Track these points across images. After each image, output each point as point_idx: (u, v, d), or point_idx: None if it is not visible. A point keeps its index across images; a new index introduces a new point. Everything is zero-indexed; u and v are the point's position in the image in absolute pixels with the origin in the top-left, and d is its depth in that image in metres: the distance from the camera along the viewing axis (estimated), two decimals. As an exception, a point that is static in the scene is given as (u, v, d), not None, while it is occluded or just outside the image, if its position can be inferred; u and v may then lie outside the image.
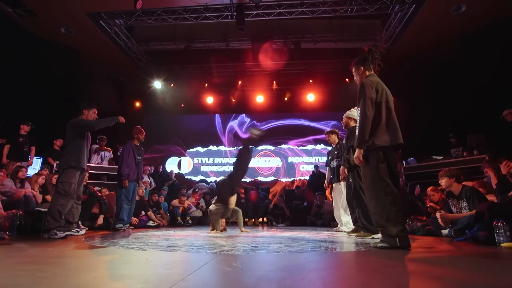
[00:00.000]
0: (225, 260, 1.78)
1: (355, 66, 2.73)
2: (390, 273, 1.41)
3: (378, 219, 2.31)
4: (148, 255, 1.96)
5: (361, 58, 2.70)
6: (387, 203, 2.25)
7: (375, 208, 2.32)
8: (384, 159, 2.34)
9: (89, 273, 1.38)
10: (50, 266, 1.55)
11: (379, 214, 2.29)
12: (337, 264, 1.73)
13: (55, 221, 3.19)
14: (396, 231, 2.21)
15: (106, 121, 3.60)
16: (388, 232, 2.25)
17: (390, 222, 2.23)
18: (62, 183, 3.30)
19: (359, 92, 2.47)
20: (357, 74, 2.72)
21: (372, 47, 2.69)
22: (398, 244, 2.19)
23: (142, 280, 1.22)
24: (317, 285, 1.16)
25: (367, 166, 2.41)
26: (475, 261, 1.83)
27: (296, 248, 2.31)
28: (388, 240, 2.26)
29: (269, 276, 1.34)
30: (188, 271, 1.38)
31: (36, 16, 6.69)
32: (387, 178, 2.30)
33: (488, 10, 6.44)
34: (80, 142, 3.47)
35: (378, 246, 2.30)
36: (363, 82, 2.49)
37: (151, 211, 5.88)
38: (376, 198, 2.31)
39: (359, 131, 2.38)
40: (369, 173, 2.38)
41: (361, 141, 2.37)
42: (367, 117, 2.36)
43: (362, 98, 2.40)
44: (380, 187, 2.30)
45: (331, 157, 4.80)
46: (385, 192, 2.27)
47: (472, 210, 3.14)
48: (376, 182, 2.32)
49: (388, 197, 2.26)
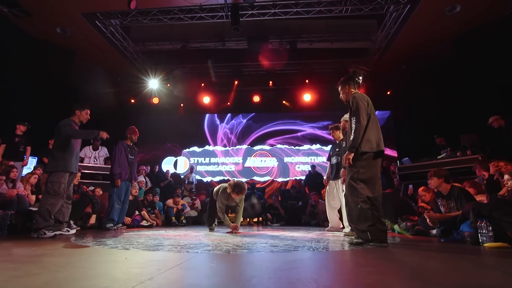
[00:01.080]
0: (203, 260, 1.79)
1: (341, 85, 3.01)
2: (361, 272, 1.42)
3: (352, 216, 2.60)
4: (128, 254, 1.97)
5: (346, 79, 2.98)
6: (359, 201, 2.51)
7: (350, 205, 2.61)
8: (366, 163, 2.59)
9: (62, 272, 1.39)
10: (26, 265, 1.56)
11: (353, 211, 2.58)
12: (312, 264, 1.73)
13: (44, 221, 3.20)
14: (366, 226, 2.45)
15: (87, 133, 3.58)
16: (360, 228, 2.50)
17: (361, 218, 2.48)
18: (52, 183, 3.31)
19: (352, 104, 2.74)
20: (343, 93, 3.00)
21: (356, 69, 2.96)
22: (369, 237, 2.43)
23: (110, 279, 1.23)
24: (282, 284, 1.17)
25: (352, 169, 2.65)
26: (448, 261, 1.84)
27: (279, 248, 2.32)
28: (360, 235, 2.50)
29: (237, 275, 1.35)
30: (161, 270, 1.39)
31: (31, 16, 6.71)
32: (362, 180, 2.55)
33: (483, 10, 6.43)
34: (67, 146, 3.46)
35: (354, 242, 2.50)
36: (355, 96, 2.76)
37: (145, 211, 5.89)
38: (351, 196, 2.59)
39: (354, 137, 2.64)
40: (350, 174, 2.65)
41: (354, 145, 2.62)
42: (362, 126, 2.63)
43: (357, 109, 2.65)
44: (355, 188, 2.56)
45: (332, 153, 4.76)
46: (359, 192, 2.54)
47: (459, 210, 3.15)
48: (353, 182, 2.59)
49: (361, 196, 2.52)
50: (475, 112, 6.53)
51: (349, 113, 2.82)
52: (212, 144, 9.84)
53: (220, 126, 9.99)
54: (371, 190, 2.52)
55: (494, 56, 6.60)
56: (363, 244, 2.44)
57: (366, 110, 2.69)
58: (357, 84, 2.95)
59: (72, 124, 3.55)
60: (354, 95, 2.79)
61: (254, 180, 9.23)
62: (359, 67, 2.96)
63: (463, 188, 3.33)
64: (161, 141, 9.71)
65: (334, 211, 4.64)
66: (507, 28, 6.45)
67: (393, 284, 1.18)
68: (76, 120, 3.67)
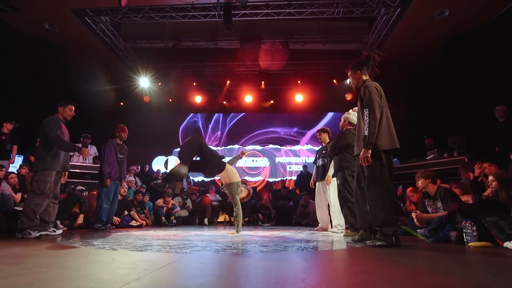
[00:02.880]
0: (191, 260, 1.78)
1: (352, 69, 2.80)
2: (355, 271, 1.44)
3: (375, 218, 2.44)
4: (115, 255, 1.95)
5: (358, 62, 2.78)
6: (386, 205, 2.40)
7: (373, 208, 2.45)
8: (385, 162, 2.47)
9: (45, 273, 1.36)
10: (9, 266, 1.52)
11: (376, 214, 2.43)
12: (300, 263, 1.74)
13: (29, 221, 3.13)
14: (391, 231, 2.36)
15: (68, 146, 3.46)
16: (385, 232, 2.38)
17: (387, 223, 2.37)
18: (37, 182, 3.24)
19: (364, 94, 2.55)
20: (353, 78, 2.78)
21: (371, 53, 2.74)
22: (394, 243, 2.34)
23: (95, 280, 1.21)
24: (270, 283, 1.17)
25: (371, 167, 2.49)
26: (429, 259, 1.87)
27: (269, 248, 2.32)
28: (385, 239, 2.38)
29: (225, 275, 1.35)
30: (148, 271, 1.38)
31: (19, 11, 6.55)
32: (388, 181, 2.44)
33: (471, 15, 6.59)
34: (52, 146, 3.39)
35: (377, 244, 2.39)
36: (368, 86, 2.56)
37: (134, 211, 5.82)
38: (376, 199, 2.44)
39: (370, 132, 2.44)
40: (372, 174, 2.48)
41: (370, 141, 2.44)
42: (377, 119, 2.46)
43: (371, 101, 2.48)
44: (381, 189, 2.43)
45: (318, 156, 4.82)
46: (385, 194, 2.42)
47: (446, 211, 3.21)
48: (377, 183, 2.45)
49: (387, 199, 2.42)
50: (462, 114, 6.69)
51: (359, 103, 2.63)
52: (213, 143, 9.77)
53: (211, 125, 9.95)
54: (391, 191, 2.47)
55: (481, 60, 6.76)
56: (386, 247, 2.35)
57: (379, 102, 2.51)
58: (370, 70, 2.74)
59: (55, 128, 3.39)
60: (366, 83, 2.61)
61: (245, 180, 9.22)
62: (375, 51, 2.74)
63: (449, 189, 3.40)
64: (152, 140, 9.61)
65: (324, 211, 4.68)
66: (493, 33, 6.63)
67: (380, 284, 1.19)
68: (60, 117, 3.57)
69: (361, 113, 2.59)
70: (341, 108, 9.40)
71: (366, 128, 2.47)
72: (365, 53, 2.78)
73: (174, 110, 9.97)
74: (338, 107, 9.39)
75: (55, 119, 3.51)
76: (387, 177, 2.46)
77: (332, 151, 3.96)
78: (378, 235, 2.45)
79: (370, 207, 2.50)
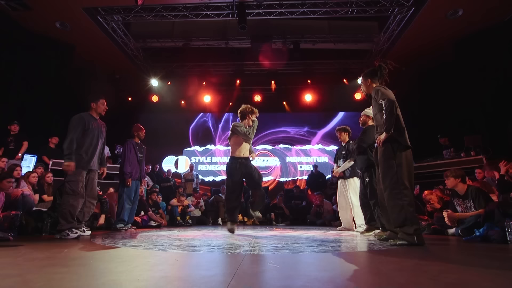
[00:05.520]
0: (257, 260, 1.76)
1: (363, 77, 2.97)
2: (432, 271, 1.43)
3: (396, 218, 2.46)
4: (171, 255, 1.92)
5: (370, 72, 2.92)
6: (405, 204, 2.41)
7: (393, 209, 2.48)
8: (405, 160, 2.50)
9: (128, 273, 1.33)
10: (74, 268, 1.49)
11: (397, 214, 2.45)
12: (354, 264, 1.73)
13: (66, 222, 3.11)
14: (413, 229, 2.37)
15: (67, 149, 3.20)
16: (406, 231, 2.40)
17: (408, 222, 2.39)
18: (69, 182, 3.20)
19: (377, 94, 2.67)
20: (364, 85, 2.97)
21: (382, 63, 2.85)
22: (416, 241, 2.35)
23: (194, 281, 1.19)
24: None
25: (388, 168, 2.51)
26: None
27: (317, 249, 2.30)
28: (406, 238, 2.40)
29: (329, 276, 1.34)
30: (231, 272, 1.36)
31: (31, 9, 6.47)
32: (406, 180, 2.45)
33: (483, 15, 6.62)
34: (82, 143, 3.31)
35: (398, 243, 2.40)
36: (379, 88, 2.69)
37: (151, 211, 5.79)
38: (394, 199, 2.46)
39: (389, 118, 2.51)
40: (389, 174, 2.51)
41: (390, 126, 2.51)
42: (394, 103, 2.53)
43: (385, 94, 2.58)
44: (398, 189, 2.44)
45: (338, 155, 4.80)
46: (403, 194, 2.43)
47: (477, 210, 3.23)
48: (395, 183, 2.47)
49: (406, 199, 2.42)
50: (478, 115, 6.72)
51: (374, 104, 2.77)
52: (213, 143, 9.76)
53: (221, 125, 9.93)
54: (411, 189, 2.46)
55: (494, 59, 6.80)
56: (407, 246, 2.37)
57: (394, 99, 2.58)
58: (381, 79, 2.85)
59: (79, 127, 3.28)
60: (378, 87, 2.72)
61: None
62: (387, 61, 2.83)
63: (480, 188, 3.42)
64: (161, 139, 9.55)
65: (346, 211, 4.67)
66: (506, 32, 6.67)
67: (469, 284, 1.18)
68: (93, 114, 3.51)
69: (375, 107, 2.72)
70: (352, 107, 9.45)
71: (384, 115, 2.55)
72: (377, 62, 2.89)
73: (183, 110, 9.92)
74: (349, 107, 9.42)
75: (84, 116, 3.41)
76: (405, 176, 2.47)
77: (358, 149, 3.96)
78: (399, 234, 2.48)
79: (390, 208, 2.53)
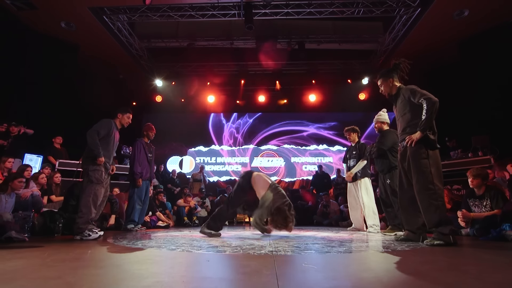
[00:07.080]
0: (289, 261, 1.75)
1: (383, 78, 2.92)
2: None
3: (431, 219, 2.47)
4: (200, 256, 1.91)
5: (388, 71, 2.90)
6: (440, 205, 2.45)
7: (427, 208, 2.48)
8: (436, 160, 2.53)
9: (168, 275, 1.31)
10: (109, 269, 1.48)
11: (432, 214, 2.46)
12: (382, 263, 1.73)
13: (89, 212, 3.13)
14: (448, 229, 2.41)
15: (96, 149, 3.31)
16: (442, 231, 2.42)
17: (443, 222, 2.42)
18: (92, 171, 3.25)
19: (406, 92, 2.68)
20: (385, 86, 2.91)
21: (397, 62, 2.86)
22: (451, 241, 2.38)
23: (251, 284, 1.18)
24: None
25: (422, 169, 2.51)
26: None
27: (341, 249, 2.29)
28: (443, 238, 2.41)
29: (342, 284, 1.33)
30: (269, 273, 1.34)
31: (36, 9, 6.43)
32: (438, 181, 2.47)
33: (489, 15, 6.64)
34: (101, 143, 3.39)
35: (435, 243, 2.42)
36: (415, 88, 2.69)
37: (158, 211, 5.76)
38: (429, 199, 2.47)
39: (430, 118, 2.47)
40: (423, 175, 2.50)
41: (427, 127, 2.48)
42: (436, 103, 2.48)
43: (423, 92, 2.56)
44: (433, 190, 2.46)
45: (349, 156, 4.79)
46: (438, 194, 2.46)
47: (494, 210, 3.23)
48: (430, 184, 2.48)
49: (440, 199, 2.47)
50: (485, 115, 6.73)
51: (402, 103, 2.74)
52: (217, 143, 9.75)
53: (226, 126, 9.92)
54: (442, 191, 2.49)
55: (499, 60, 6.82)
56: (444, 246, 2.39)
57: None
58: (399, 76, 2.86)
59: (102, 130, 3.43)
60: (413, 87, 2.68)
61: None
62: (401, 59, 2.83)
63: (499, 188, 3.42)
64: (166, 140, 9.53)
65: (357, 211, 4.66)
66: None
67: None
68: (117, 123, 3.69)
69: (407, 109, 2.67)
70: (356, 108, 9.45)
71: (424, 113, 2.50)
72: (392, 61, 2.90)
73: (187, 110, 9.90)
74: (353, 107, 9.42)
75: (111, 122, 3.58)
76: (437, 176, 2.50)
77: (379, 151, 3.96)
78: (435, 234, 2.48)
79: (424, 209, 2.53)
